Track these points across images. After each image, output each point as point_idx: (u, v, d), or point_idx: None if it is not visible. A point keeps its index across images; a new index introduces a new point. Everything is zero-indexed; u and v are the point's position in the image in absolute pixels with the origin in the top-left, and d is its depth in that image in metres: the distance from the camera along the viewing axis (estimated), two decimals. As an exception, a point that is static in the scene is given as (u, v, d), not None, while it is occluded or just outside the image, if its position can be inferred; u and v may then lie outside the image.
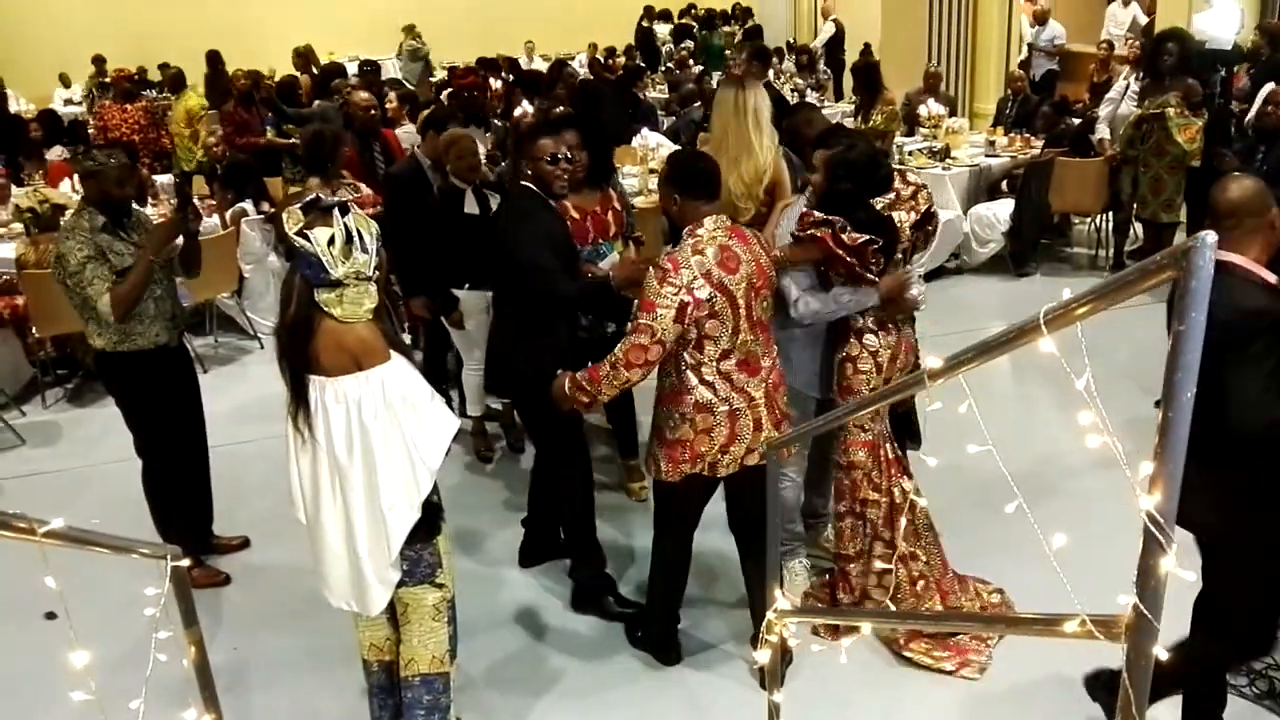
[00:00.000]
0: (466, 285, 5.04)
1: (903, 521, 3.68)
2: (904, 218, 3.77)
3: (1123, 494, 1.30)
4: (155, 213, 7.04)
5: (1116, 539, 2.55)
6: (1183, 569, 1.24)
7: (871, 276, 3.59)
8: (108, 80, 14.03)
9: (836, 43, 15.15)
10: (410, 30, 16.57)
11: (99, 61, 15.03)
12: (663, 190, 3.46)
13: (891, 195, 3.77)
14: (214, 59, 12.18)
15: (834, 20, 15.49)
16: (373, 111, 6.82)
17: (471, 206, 4.94)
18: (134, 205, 4.26)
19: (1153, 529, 1.21)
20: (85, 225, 3.92)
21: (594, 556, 4.10)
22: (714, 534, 3.97)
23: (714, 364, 3.29)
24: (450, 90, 9.95)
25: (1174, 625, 1.26)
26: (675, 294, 3.16)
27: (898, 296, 3.72)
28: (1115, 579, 1.47)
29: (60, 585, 1.75)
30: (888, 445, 3.78)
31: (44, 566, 1.67)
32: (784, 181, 4.36)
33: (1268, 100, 6.59)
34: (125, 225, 4.04)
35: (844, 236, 3.51)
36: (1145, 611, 1.25)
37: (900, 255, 3.78)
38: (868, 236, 3.52)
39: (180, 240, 4.19)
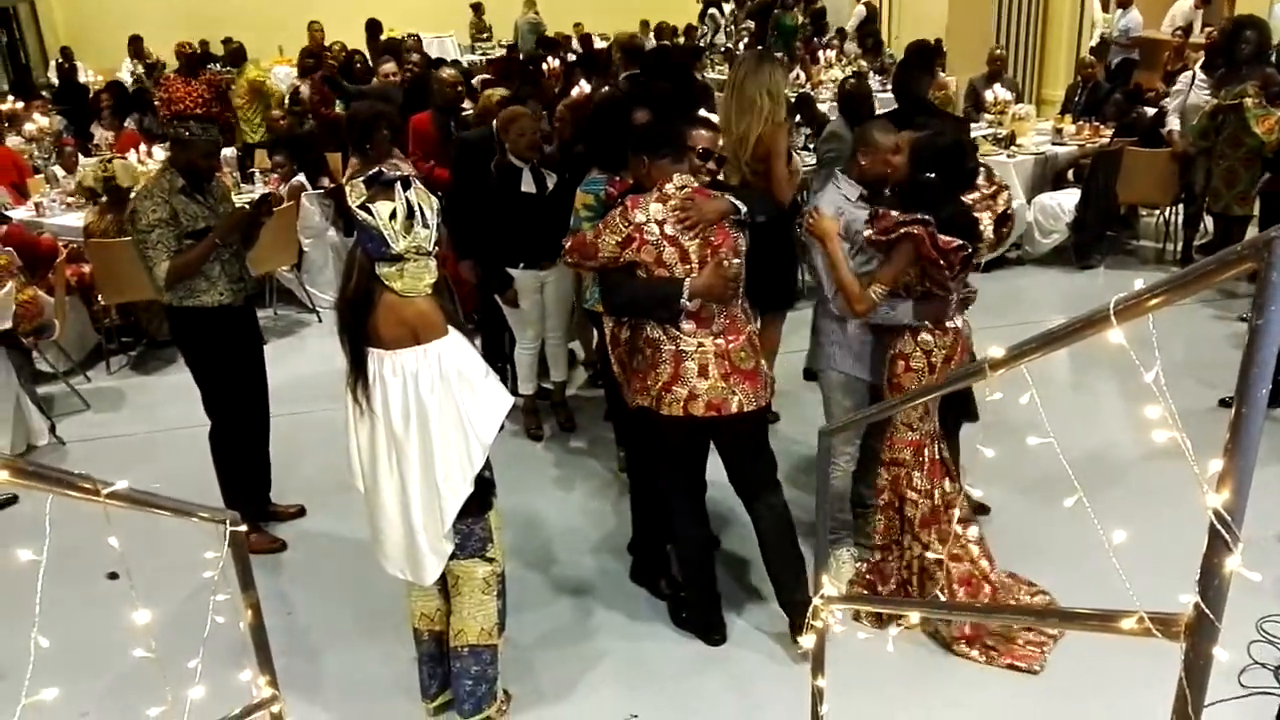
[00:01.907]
0: (521, 264, 5.06)
1: (951, 524, 3.60)
2: (985, 220, 3.61)
3: (1181, 490, 1.27)
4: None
5: (1173, 536, 2.50)
6: (1248, 569, 1.21)
7: (950, 286, 3.43)
8: (152, 60, 14.27)
9: (869, 25, 15.03)
10: (530, 4, 16.70)
11: (136, 42, 15.20)
12: (632, 160, 3.58)
13: (975, 194, 3.63)
14: (374, 27, 12.39)
15: (865, 3, 15.37)
16: (459, 88, 6.85)
17: (528, 185, 4.95)
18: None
19: (1219, 527, 1.18)
20: (165, 185, 4.08)
21: (656, 546, 4.12)
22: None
23: None
24: (485, 78, 10.00)
25: (1234, 627, 1.23)
26: (627, 227, 3.40)
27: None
28: (1170, 576, 1.44)
29: (122, 547, 1.79)
30: (935, 445, 3.69)
31: (108, 527, 1.71)
32: (777, 152, 4.53)
33: None
34: (203, 189, 4.19)
35: (939, 238, 3.32)
36: (1207, 611, 1.22)
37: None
38: (960, 241, 3.31)
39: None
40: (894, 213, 3.43)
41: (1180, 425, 1.30)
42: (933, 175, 3.48)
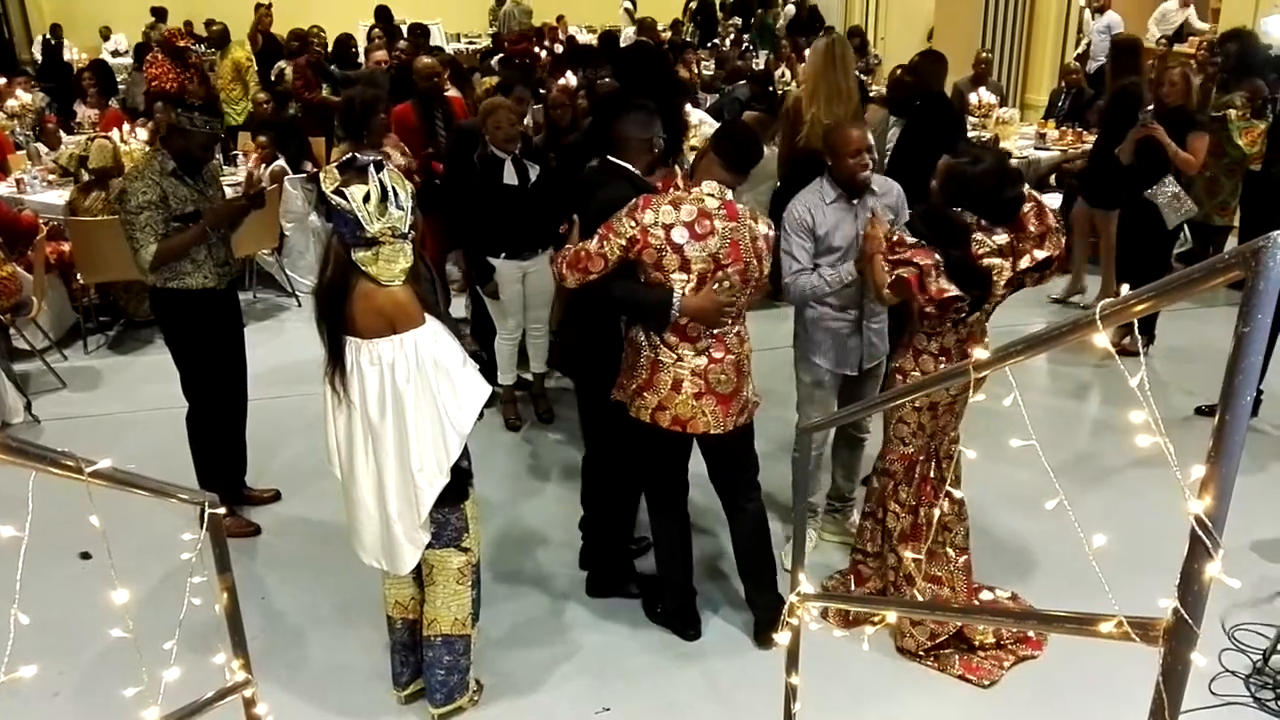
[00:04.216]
0: (503, 254, 5.04)
1: (943, 546, 3.59)
2: (1001, 264, 3.27)
3: (1162, 495, 1.27)
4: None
5: (1152, 541, 2.52)
6: (1228, 575, 1.21)
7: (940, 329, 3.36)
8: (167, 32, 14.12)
9: (799, 25, 15.10)
10: None
11: (159, 13, 14.99)
12: (705, 161, 3.44)
13: (1003, 239, 3.32)
14: (383, 13, 12.34)
15: (793, 2, 15.59)
16: (434, 79, 6.78)
17: (510, 177, 4.93)
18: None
19: (1200, 533, 1.18)
20: (156, 167, 4.04)
21: (622, 549, 4.09)
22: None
23: None
24: (501, 56, 9.90)
25: (1207, 635, 1.23)
26: (633, 228, 3.27)
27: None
28: (1148, 582, 1.44)
29: (98, 526, 1.77)
30: (929, 463, 3.64)
31: (80, 506, 1.68)
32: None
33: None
34: (194, 174, 4.15)
35: (931, 284, 3.19)
36: (1186, 616, 1.23)
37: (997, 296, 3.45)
38: (956, 292, 3.17)
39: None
40: (910, 238, 3.32)
41: (1153, 430, 1.31)
42: (961, 208, 3.26)
